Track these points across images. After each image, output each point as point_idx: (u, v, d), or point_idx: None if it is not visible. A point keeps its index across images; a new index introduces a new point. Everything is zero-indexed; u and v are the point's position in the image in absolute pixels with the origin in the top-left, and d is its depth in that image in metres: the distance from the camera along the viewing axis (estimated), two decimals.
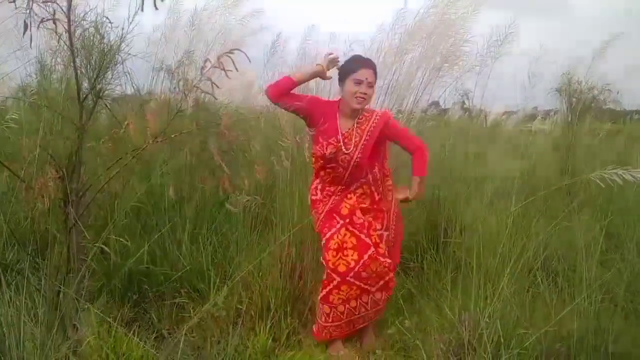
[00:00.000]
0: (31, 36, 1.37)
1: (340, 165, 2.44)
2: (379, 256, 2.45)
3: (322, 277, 2.48)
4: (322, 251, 2.50)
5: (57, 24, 1.42)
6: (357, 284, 2.42)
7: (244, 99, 4.11)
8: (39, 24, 1.44)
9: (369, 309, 2.50)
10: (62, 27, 1.46)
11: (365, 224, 2.48)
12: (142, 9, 1.32)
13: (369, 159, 2.45)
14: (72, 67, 1.53)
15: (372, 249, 2.43)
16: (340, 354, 2.53)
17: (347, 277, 2.41)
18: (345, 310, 2.46)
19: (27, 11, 1.35)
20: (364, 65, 2.38)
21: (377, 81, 2.48)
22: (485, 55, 3.50)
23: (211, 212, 3.32)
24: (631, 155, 3.71)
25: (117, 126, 1.81)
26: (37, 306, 1.61)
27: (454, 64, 3.23)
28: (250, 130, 3.26)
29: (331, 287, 2.44)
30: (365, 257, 2.42)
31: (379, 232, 2.53)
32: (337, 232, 2.46)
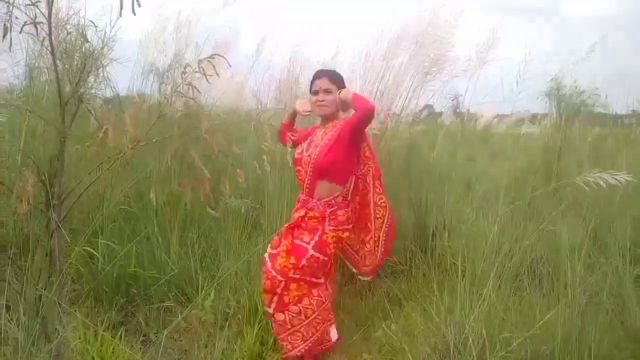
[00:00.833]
0: (11, 40, 1.37)
1: (303, 168, 2.50)
2: (271, 261, 2.39)
3: None
4: None
5: (38, 28, 1.42)
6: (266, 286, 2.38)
7: (234, 102, 4.13)
8: (21, 28, 1.43)
9: (274, 329, 2.43)
10: (44, 31, 1.46)
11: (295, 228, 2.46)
12: (121, 14, 1.32)
13: (327, 166, 2.43)
14: (54, 71, 1.52)
15: (269, 250, 2.44)
16: None
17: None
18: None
19: (8, 15, 1.35)
20: (316, 77, 2.57)
21: (338, 84, 2.53)
22: (474, 59, 3.51)
23: (200, 215, 3.33)
24: (618, 159, 3.73)
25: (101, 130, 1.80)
26: (19, 310, 1.60)
27: (442, 68, 3.25)
28: (233, 134, 3.28)
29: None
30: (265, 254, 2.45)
31: (300, 243, 2.40)
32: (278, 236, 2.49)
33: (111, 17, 1.56)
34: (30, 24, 1.40)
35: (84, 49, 1.57)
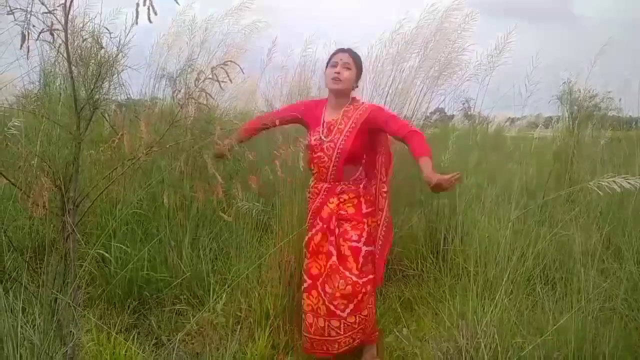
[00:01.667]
0: (28, 48, 1.39)
1: (325, 154, 2.43)
2: (345, 270, 2.36)
3: None
4: None
5: (54, 35, 1.45)
6: (322, 296, 2.36)
7: (246, 105, 4.15)
8: (37, 36, 1.46)
9: (342, 332, 2.39)
10: (60, 39, 1.48)
11: (336, 231, 2.43)
12: (137, 23, 1.34)
13: (355, 151, 2.41)
14: (70, 78, 1.54)
15: (333, 259, 2.39)
16: None
17: (317, 282, 2.40)
18: (321, 326, 2.39)
19: (25, 23, 1.37)
20: (339, 51, 2.49)
21: (357, 65, 2.49)
22: (485, 62, 3.50)
23: (212, 218, 3.35)
24: (632, 162, 3.69)
25: (116, 134, 1.82)
26: (35, 313, 1.63)
27: (453, 72, 3.24)
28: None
29: (303, 289, 2.47)
30: (327, 265, 2.39)
31: (352, 244, 2.40)
32: (315, 235, 2.46)
33: (125, 23, 1.59)
34: (47, 31, 1.42)
35: (99, 57, 1.59)
